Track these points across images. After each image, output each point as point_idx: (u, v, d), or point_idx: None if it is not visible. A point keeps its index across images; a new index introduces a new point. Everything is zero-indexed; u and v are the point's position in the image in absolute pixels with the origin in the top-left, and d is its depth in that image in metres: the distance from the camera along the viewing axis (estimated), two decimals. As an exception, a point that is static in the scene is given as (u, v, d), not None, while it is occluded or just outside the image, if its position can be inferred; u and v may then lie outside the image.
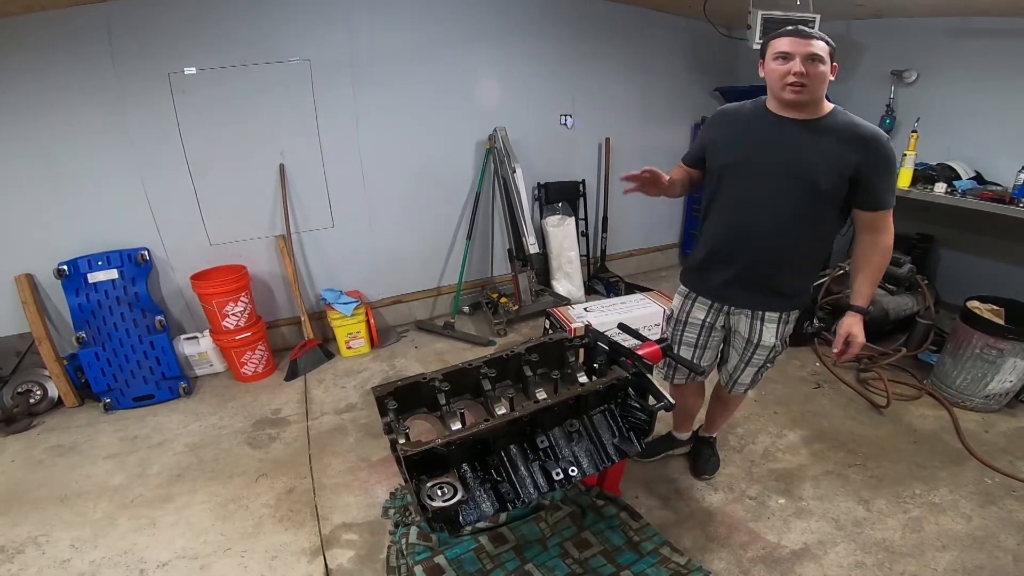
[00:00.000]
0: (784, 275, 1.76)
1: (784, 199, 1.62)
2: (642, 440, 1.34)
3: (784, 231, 1.66)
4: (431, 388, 1.27)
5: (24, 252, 2.87)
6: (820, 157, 1.55)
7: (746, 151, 1.66)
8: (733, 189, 1.72)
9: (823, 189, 1.57)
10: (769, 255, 1.71)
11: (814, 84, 1.50)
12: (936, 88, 3.28)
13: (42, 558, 2.01)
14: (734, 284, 1.81)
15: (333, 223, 3.50)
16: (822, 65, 1.49)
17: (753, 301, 1.83)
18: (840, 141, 1.54)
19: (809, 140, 1.57)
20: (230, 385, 3.22)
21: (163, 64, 2.84)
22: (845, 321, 1.73)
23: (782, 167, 1.60)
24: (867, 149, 1.53)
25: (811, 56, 1.47)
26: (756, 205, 1.67)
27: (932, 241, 3.48)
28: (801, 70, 1.48)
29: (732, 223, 1.74)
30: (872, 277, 1.71)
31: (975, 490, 2.20)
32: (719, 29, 4.01)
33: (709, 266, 1.86)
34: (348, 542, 2.05)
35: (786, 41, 1.50)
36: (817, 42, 1.48)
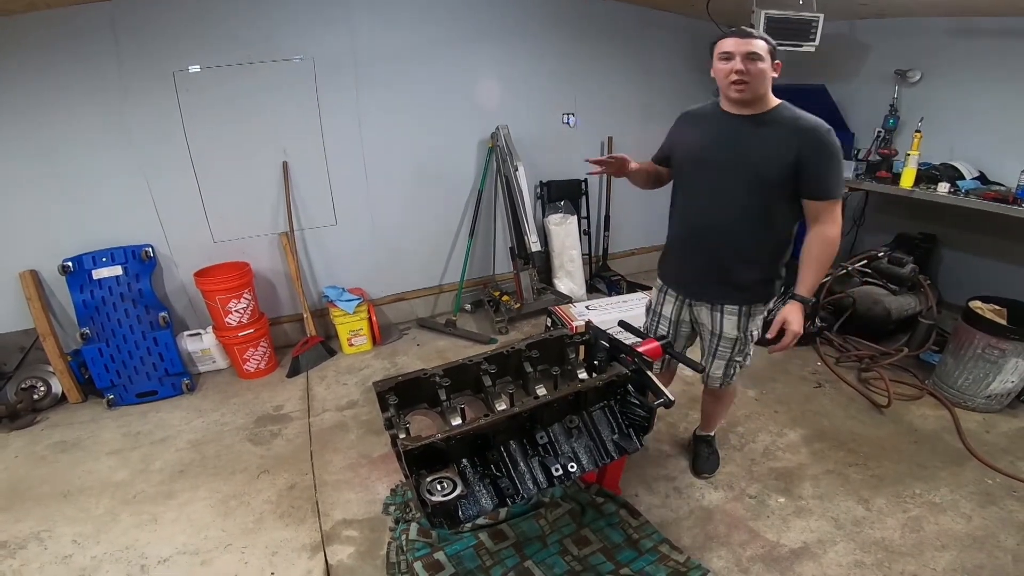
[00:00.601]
0: (739, 267, 1.81)
1: (734, 192, 1.71)
2: (642, 437, 1.34)
3: (736, 223, 1.75)
4: (432, 384, 1.28)
5: (29, 248, 2.89)
6: (765, 150, 1.64)
7: (701, 149, 1.77)
8: (690, 185, 1.84)
9: (769, 180, 1.65)
10: (723, 247, 1.79)
11: (755, 81, 1.59)
12: (940, 88, 3.27)
13: (44, 554, 2.03)
14: (693, 277, 1.92)
15: (336, 220, 3.52)
16: (761, 63, 1.58)
17: (711, 293, 1.90)
18: (784, 133, 1.63)
19: (755, 134, 1.66)
20: (232, 382, 3.23)
21: (167, 62, 2.85)
22: (784, 308, 1.78)
23: (731, 162, 1.69)
24: (807, 139, 1.61)
25: (750, 54, 1.56)
26: (709, 199, 1.77)
27: (935, 241, 3.47)
28: (741, 68, 1.57)
29: (689, 217, 1.86)
30: (817, 268, 1.76)
31: (975, 490, 2.19)
32: (722, 28, 4.01)
33: (673, 259, 2.00)
34: (348, 538, 2.06)
35: (730, 42, 1.60)
36: (757, 41, 1.57)
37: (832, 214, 1.71)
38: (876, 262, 3.33)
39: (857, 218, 3.88)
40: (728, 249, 1.79)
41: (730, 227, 1.76)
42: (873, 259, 3.35)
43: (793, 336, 1.74)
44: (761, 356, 3.25)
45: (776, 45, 1.62)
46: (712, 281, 1.87)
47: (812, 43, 3.10)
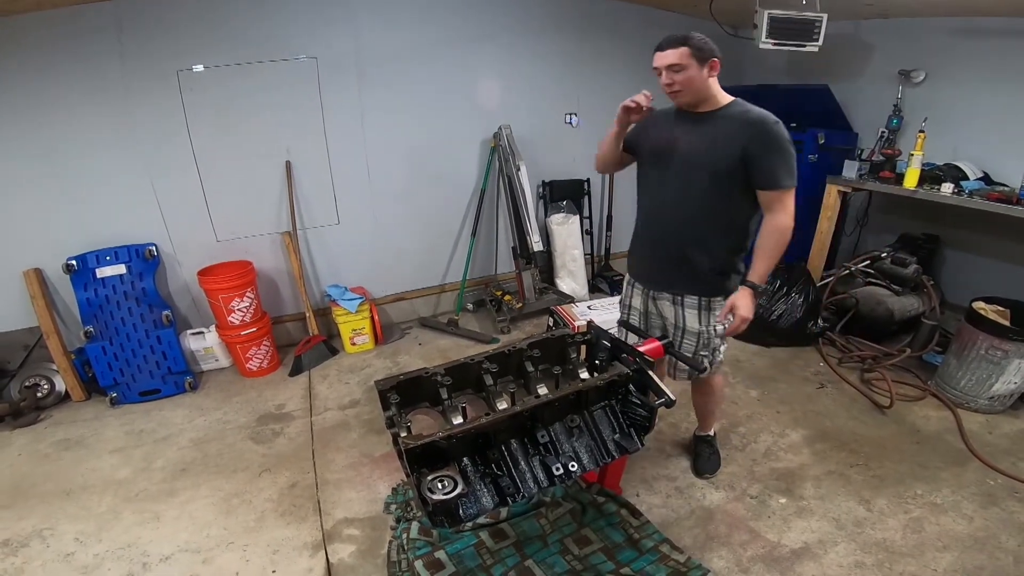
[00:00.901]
0: (697, 259, 1.86)
1: (689, 186, 1.78)
2: (643, 436, 1.34)
3: (692, 216, 1.82)
4: (433, 382, 1.28)
5: (33, 247, 2.91)
6: (715, 144, 1.71)
7: (659, 146, 1.85)
8: (650, 180, 1.92)
9: (720, 173, 1.72)
10: (681, 240, 1.86)
11: (686, 88, 1.68)
12: (944, 88, 3.26)
13: (46, 551, 2.04)
14: (654, 269, 1.99)
15: (338, 220, 3.53)
16: (686, 71, 1.65)
17: (671, 284, 1.95)
18: (732, 128, 1.70)
19: (707, 130, 1.74)
20: (235, 380, 3.24)
21: (171, 62, 2.87)
22: (735, 294, 1.83)
23: (685, 157, 1.77)
24: (754, 130, 1.67)
25: (671, 67, 1.65)
26: (667, 194, 1.85)
27: (938, 242, 3.46)
28: (668, 80, 1.68)
29: (650, 211, 1.95)
30: (768, 256, 1.80)
31: (977, 491, 2.19)
32: (725, 29, 4.00)
33: (637, 252, 2.07)
34: (349, 537, 2.07)
35: (656, 56, 1.69)
36: (675, 51, 1.63)
37: (783, 203, 1.76)
38: (879, 262, 3.32)
39: (860, 218, 3.87)
40: (686, 241, 1.85)
41: (687, 220, 1.83)
42: (876, 259, 3.35)
43: (742, 321, 1.78)
44: (765, 357, 3.26)
45: (704, 46, 1.65)
46: (671, 272, 1.93)
47: (816, 43, 3.09)
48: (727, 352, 3.21)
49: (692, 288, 1.92)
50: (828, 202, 3.50)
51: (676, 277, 1.93)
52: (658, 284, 2.00)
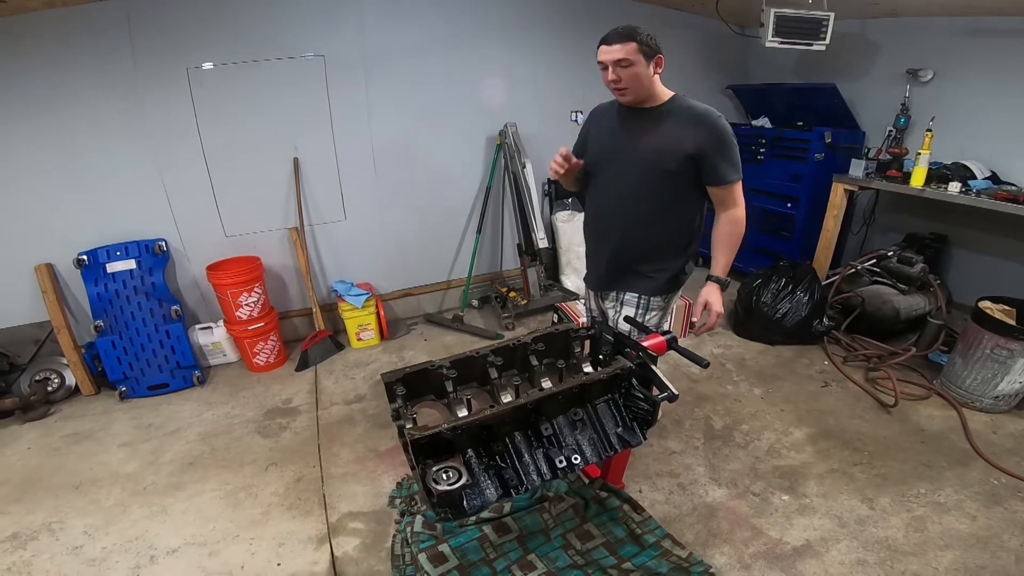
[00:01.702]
0: (644, 258, 1.85)
1: (635, 184, 1.75)
2: (645, 431, 1.35)
3: (639, 215, 1.78)
4: (439, 375, 1.29)
5: (44, 242, 2.94)
6: (662, 141, 1.68)
7: (605, 144, 1.81)
8: (597, 180, 1.87)
9: (668, 171, 1.68)
10: (628, 239, 1.83)
11: (632, 85, 1.63)
12: (952, 87, 3.25)
13: (55, 544, 2.06)
14: (603, 270, 1.95)
15: (345, 216, 3.55)
16: (633, 67, 1.59)
17: (616, 283, 1.94)
18: (679, 124, 1.67)
19: (653, 127, 1.70)
20: (242, 375, 3.27)
21: (181, 59, 2.89)
22: (703, 291, 1.83)
23: (631, 155, 1.73)
24: (702, 127, 1.65)
25: (619, 62, 1.59)
26: (613, 193, 1.81)
27: (945, 241, 3.45)
28: (615, 77, 1.61)
29: (597, 211, 1.90)
30: (727, 248, 1.81)
31: (981, 490, 2.18)
32: (732, 27, 4.00)
33: (590, 254, 2.03)
34: (354, 530, 2.09)
35: (601, 51, 1.62)
36: (623, 46, 1.57)
37: (735, 196, 1.76)
38: (886, 261, 3.31)
39: (867, 217, 3.86)
40: (632, 240, 1.83)
41: (633, 219, 1.80)
42: (883, 258, 3.34)
43: (717, 316, 1.79)
44: (770, 355, 3.26)
45: (651, 42, 1.62)
46: (619, 272, 1.91)
47: (823, 42, 3.08)
48: (733, 352, 3.27)
49: (634, 286, 1.90)
50: (834, 201, 3.49)
51: (622, 276, 1.91)
52: (607, 285, 1.98)
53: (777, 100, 4.08)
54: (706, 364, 1.40)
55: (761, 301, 3.35)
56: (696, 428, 2.62)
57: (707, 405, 2.80)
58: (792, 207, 3.81)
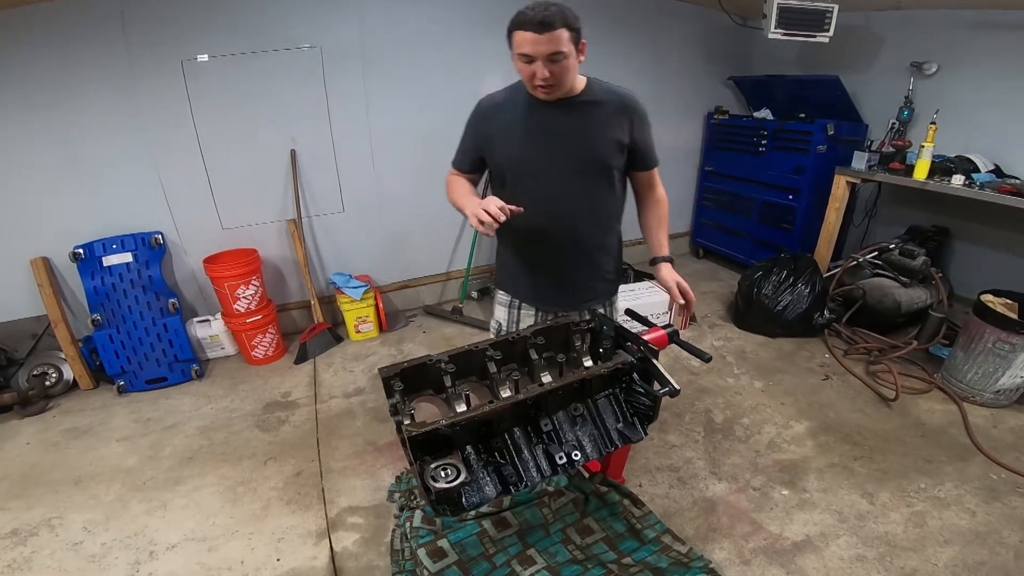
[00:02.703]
0: (597, 260, 1.73)
1: (575, 183, 1.57)
2: (646, 426, 1.34)
3: (582, 216, 1.62)
4: (437, 369, 1.28)
5: (40, 236, 2.92)
6: (594, 132, 1.52)
7: (521, 144, 1.56)
8: (520, 187, 1.59)
9: (604, 162, 1.55)
10: (580, 245, 1.66)
11: (562, 82, 1.41)
12: (957, 80, 3.22)
13: (55, 540, 2.05)
14: (555, 286, 1.72)
15: (343, 208, 3.52)
16: (566, 60, 1.36)
17: (577, 297, 1.74)
18: (609, 111, 1.52)
19: (579, 119, 1.52)
20: (241, 368, 3.26)
21: (176, 51, 2.86)
22: (666, 274, 1.65)
23: (562, 152, 1.54)
24: (631, 114, 1.54)
25: (553, 56, 1.33)
26: (551, 196, 1.58)
27: (947, 234, 3.43)
28: (546, 74, 1.35)
29: (535, 221, 1.59)
30: (664, 227, 1.73)
31: (980, 486, 2.17)
32: (734, 18, 3.96)
33: (523, 272, 1.75)
34: (353, 525, 2.08)
35: (527, 40, 1.32)
36: (558, 34, 1.31)
37: (657, 176, 1.70)
38: (887, 254, 3.29)
39: (869, 209, 3.84)
40: (586, 244, 1.67)
41: (578, 222, 1.62)
42: (884, 251, 3.32)
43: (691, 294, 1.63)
44: (771, 348, 3.25)
45: (578, 23, 1.37)
46: (576, 284, 1.73)
47: (826, 34, 3.05)
48: (733, 344, 3.26)
49: (599, 292, 1.79)
50: (836, 193, 3.47)
51: (583, 288, 1.74)
52: (561, 302, 1.74)
53: (779, 92, 4.05)
54: (708, 358, 1.39)
55: (762, 293, 3.33)
56: (696, 421, 2.62)
57: (707, 398, 2.79)
58: (793, 199, 3.79)
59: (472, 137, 1.67)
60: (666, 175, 1.89)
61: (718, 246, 4.59)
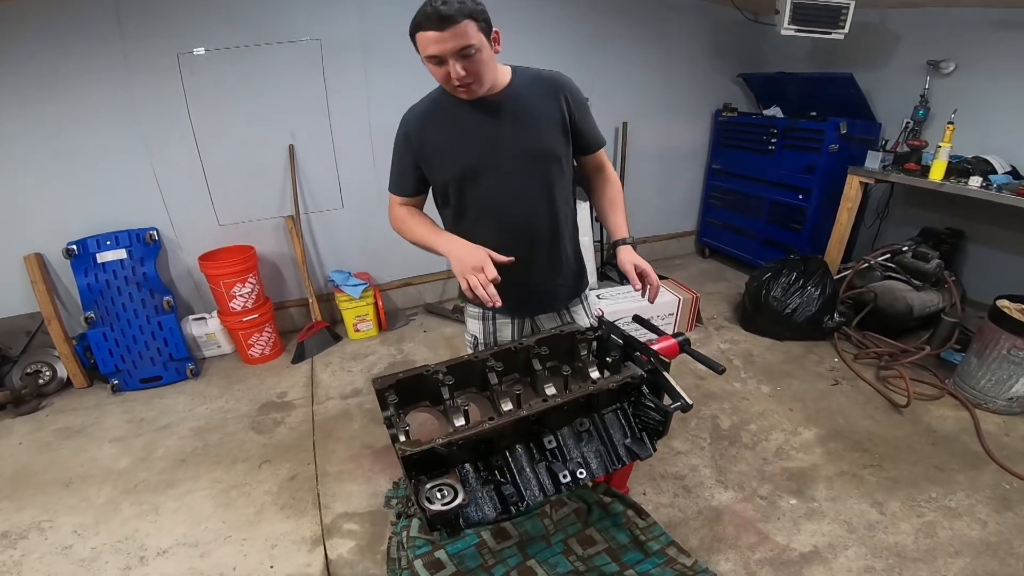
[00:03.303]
0: (568, 257, 1.65)
1: (524, 181, 1.46)
2: (655, 441, 1.28)
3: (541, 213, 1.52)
4: (435, 380, 1.22)
5: (34, 231, 2.87)
6: (533, 122, 1.41)
7: (464, 150, 1.43)
8: (472, 195, 1.48)
9: (554, 151, 1.45)
10: (542, 245, 1.56)
11: (480, 78, 1.29)
12: (975, 80, 3.13)
13: (44, 544, 2.02)
14: (530, 292, 1.63)
15: (343, 204, 3.46)
16: (479, 53, 1.24)
17: (555, 298, 1.69)
18: (539, 98, 1.42)
19: (514, 112, 1.40)
20: (237, 367, 3.21)
21: (172, 44, 2.80)
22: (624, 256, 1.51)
23: (506, 153, 1.42)
24: (566, 90, 1.43)
25: (462, 51, 1.22)
26: (503, 201, 1.47)
27: (961, 236, 3.35)
28: (461, 73, 1.24)
29: (498, 230, 1.49)
30: (622, 209, 1.61)
31: (992, 495, 2.12)
32: (745, 14, 3.87)
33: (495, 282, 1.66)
34: (349, 532, 2.03)
35: (431, 40, 1.21)
36: (463, 27, 1.19)
37: (605, 157, 1.60)
38: (900, 256, 3.21)
39: (880, 210, 3.75)
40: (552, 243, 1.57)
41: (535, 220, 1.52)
42: (897, 253, 3.24)
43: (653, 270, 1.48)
44: (778, 351, 3.19)
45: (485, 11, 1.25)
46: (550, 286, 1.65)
47: (841, 31, 2.97)
48: (740, 347, 3.20)
49: (577, 289, 1.72)
50: (849, 193, 3.39)
51: (557, 290, 1.67)
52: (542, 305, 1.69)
53: (789, 89, 3.96)
54: (722, 370, 1.32)
55: (771, 295, 3.26)
56: (703, 427, 2.56)
57: (714, 403, 2.73)
58: (803, 199, 3.71)
59: (407, 155, 1.50)
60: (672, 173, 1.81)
61: (725, 245, 4.51)
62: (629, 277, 1.47)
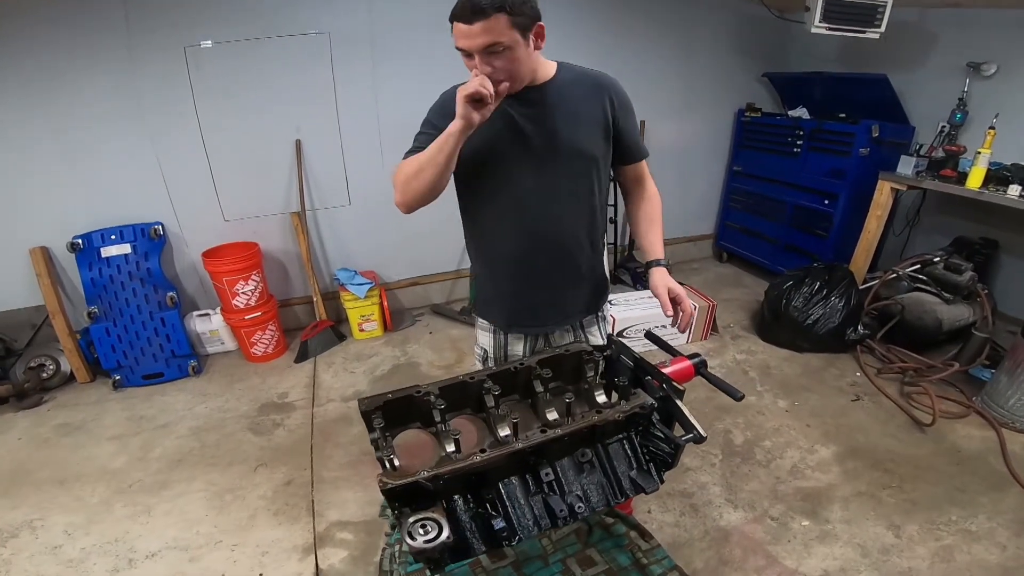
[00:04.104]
0: (592, 268, 1.55)
1: (555, 178, 1.36)
2: (663, 473, 1.18)
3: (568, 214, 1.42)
4: (426, 402, 1.13)
5: (39, 225, 2.86)
6: (572, 118, 1.33)
7: (495, 136, 1.33)
8: (501, 187, 1.39)
9: (589, 152, 1.36)
10: (565, 249, 1.45)
11: (511, 76, 1.19)
12: (1018, 83, 2.95)
13: (35, 543, 2.00)
14: (547, 303, 1.53)
15: (349, 201, 3.40)
16: (509, 51, 1.14)
17: (571, 312, 1.58)
18: (582, 96, 1.34)
19: (553, 107, 1.32)
20: (240, 365, 3.18)
21: (179, 37, 2.76)
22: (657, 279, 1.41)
23: (539, 147, 1.33)
24: (611, 92, 1.35)
25: (489, 49, 1.12)
26: (530, 195, 1.37)
27: (996, 247, 3.18)
28: (486, 70, 1.15)
29: (518, 229, 1.42)
30: (660, 227, 1.51)
31: (1014, 518, 2.02)
32: (772, 10, 3.71)
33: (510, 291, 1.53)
34: (342, 541, 1.98)
35: (459, 32, 1.13)
36: (489, 22, 1.09)
37: (646, 169, 1.51)
38: (931, 267, 3.05)
39: (910, 218, 3.59)
40: (568, 249, 1.46)
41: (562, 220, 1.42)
42: (927, 264, 3.08)
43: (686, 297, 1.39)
44: (796, 363, 3.06)
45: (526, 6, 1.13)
46: (571, 298, 1.55)
47: (877, 30, 2.82)
48: (757, 358, 3.08)
49: (593, 305, 1.60)
50: (879, 200, 3.23)
51: (576, 303, 1.57)
52: (557, 319, 1.58)
53: (817, 90, 3.80)
54: (741, 397, 1.21)
55: (792, 305, 3.12)
56: (714, 443, 2.45)
57: (727, 417, 2.62)
58: (829, 204, 3.55)
59: (438, 123, 1.37)
60: (691, 174, 1.70)
61: (744, 250, 4.37)
62: (661, 302, 1.39)
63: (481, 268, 1.61)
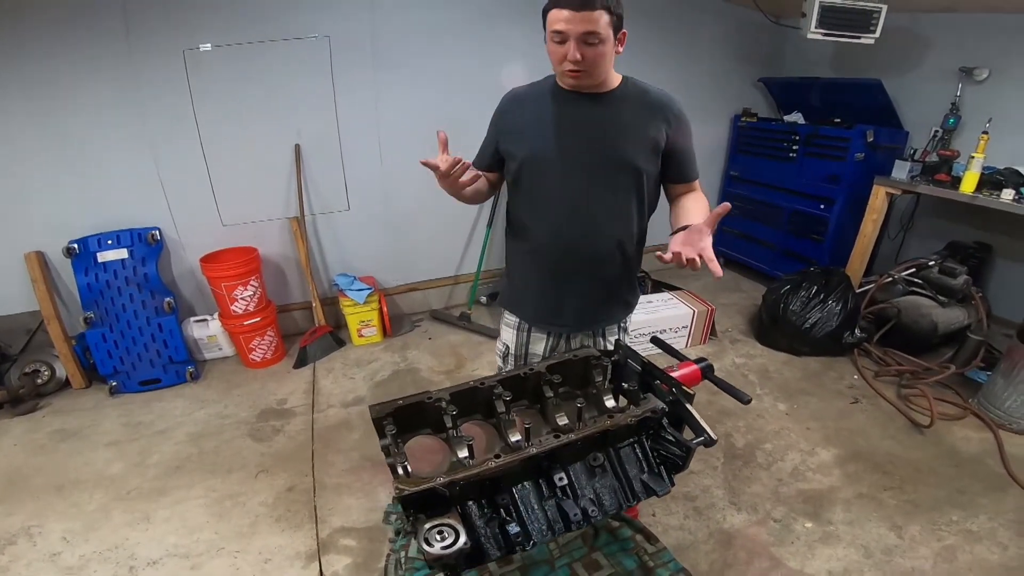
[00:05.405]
0: (623, 278, 1.57)
1: (599, 185, 1.40)
2: (673, 476, 1.18)
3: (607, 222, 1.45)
4: (437, 408, 1.13)
5: (35, 229, 2.82)
6: (624, 130, 1.37)
7: (545, 137, 1.40)
8: (538, 189, 1.45)
9: (636, 165, 1.39)
10: (600, 254, 1.48)
11: (594, 69, 1.29)
12: (1010, 88, 3.00)
13: (32, 550, 1.97)
14: (571, 305, 1.56)
15: (349, 206, 3.39)
16: (602, 45, 1.24)
17: (595, 318, 1.61)
18: (641, 113, 1.38)
19: (611, 117, 1.37)
20: (238, 371, 3.15)
21: (178, 41, 2.74)
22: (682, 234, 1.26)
23: (589, 151, 1.38)
24: (670, 112, 1.39)
25: (587, 36, 1.22)
26: (573, 197, 1.42)
27: (989, 251, 3.23)
28: (577, 56, 1.24)
29: (554, 230, 1.46)
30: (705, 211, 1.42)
31: (1015, 518, 2.04)
32: (767, 16, 3.75)
33: (537, 289, 1.57)
34: (346, 548, 1.97)
35: (562, 17, 1.21)
36: (597, 15, 1.20)
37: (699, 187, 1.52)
38: (926, 271, 3.09)
39: (905, 222, 3.63)
40: (603, 255, 1.49)
41: (600, 227, 1.45)
42: (923, 268, 3.11)
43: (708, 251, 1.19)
44: (796, 367, 3.09)
45: (621, 11, 1.26)
46: (595, 302, 1.57)
47: (872, 35, 2.86)
48: (756, 362, 3.10)
49: (616, 314, 1.62)
50: (874, 204, 3.27)
51: (604, 308, 1.59)
52: (581, 323, 1.60)
53: (812, 95, 3.84)
54: (748, 400, 1.22)
55: (790, 309, 3.15)
56: (716, 446, 2.44)
57: (728, 420, 2.63)
58: (825, 209, 3.59)
59: (492, 133, 1.55)
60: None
61: (741, 255, 4.39)
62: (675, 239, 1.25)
63: (516, 261, 1.65)
